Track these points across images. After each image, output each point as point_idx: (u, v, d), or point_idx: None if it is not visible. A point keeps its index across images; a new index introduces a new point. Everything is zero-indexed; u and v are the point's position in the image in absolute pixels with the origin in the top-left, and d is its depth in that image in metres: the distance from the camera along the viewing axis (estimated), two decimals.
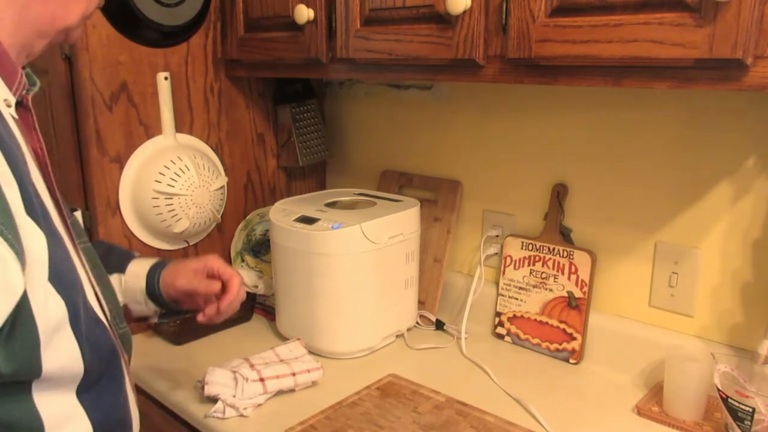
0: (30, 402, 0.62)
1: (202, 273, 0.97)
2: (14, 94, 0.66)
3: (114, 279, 0.94)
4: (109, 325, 0.76)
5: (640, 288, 1.21)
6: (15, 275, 0.54)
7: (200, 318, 0.97)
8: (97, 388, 0.70)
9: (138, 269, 0.99)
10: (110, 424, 0.73)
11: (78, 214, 0.90)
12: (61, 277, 0.62)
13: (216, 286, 0.96)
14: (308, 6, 1.21)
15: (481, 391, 1.15)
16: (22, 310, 0.56)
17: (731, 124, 1.07)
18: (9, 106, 0.65)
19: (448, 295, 1.47)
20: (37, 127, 0.72)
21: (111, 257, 0.98)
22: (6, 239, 0.53)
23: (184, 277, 0.97)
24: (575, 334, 1.25)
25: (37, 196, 0.62)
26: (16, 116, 0.67)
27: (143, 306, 0.99)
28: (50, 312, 0.60)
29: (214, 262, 0.98)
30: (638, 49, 0.82)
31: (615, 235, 1.23)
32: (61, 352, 0.63)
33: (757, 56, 0.75)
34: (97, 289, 0.76)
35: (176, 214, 1.35)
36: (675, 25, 0.78)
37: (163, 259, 1.02)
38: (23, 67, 0.70)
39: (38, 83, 0.73)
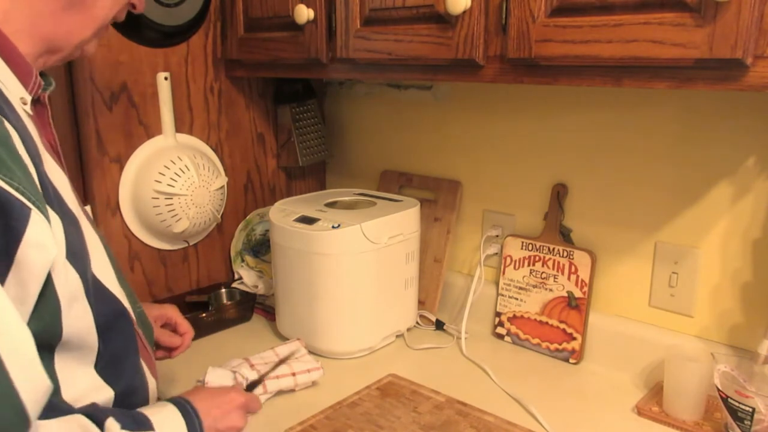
0: (51, 365, 0.68)
1: (160, 321, 1.04)
2: (30, 93, 0.72)
3: None
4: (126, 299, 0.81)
5: (640, 288, 1.21)
6: (49, 239, 0.61)
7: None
8: (113, 357, 0.76)
9: None
10: (129, 390, 0.78)
11: (87, 208, 1.02)
12: (75, 253, 0.68)
13: (176, 341, 1.03)
14: (308, 6, 1.21)
15: (481, 391, 1.15)
16: (46, 280, 0.62)
17: (731, 124, 1.07)
18: (25, 103, 0.71)
19: (448, 295, 1.47)
20: (51, 121, 0.80)
21: None
22: (41, 210, 0.60)
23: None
24: (575, 334, 1.25)
25: (50, 182, 0.67)
26: (31, 113, 0.72)
27: None
28: (69, 284, 0.67)
29: (173, 312, 1.05)
30: (638, 49, 0.82)
31: (615, 235, 1.23)
32: (78, 318, 0.69)
33: (757, 56, 0.75)
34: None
35: (176, 214, 1.35)
36: (675, 25, 0.78)
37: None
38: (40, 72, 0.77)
39: (53, 83, 0.80)
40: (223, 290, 1.52)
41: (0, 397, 0.54)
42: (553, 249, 1.29)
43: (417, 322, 1.43)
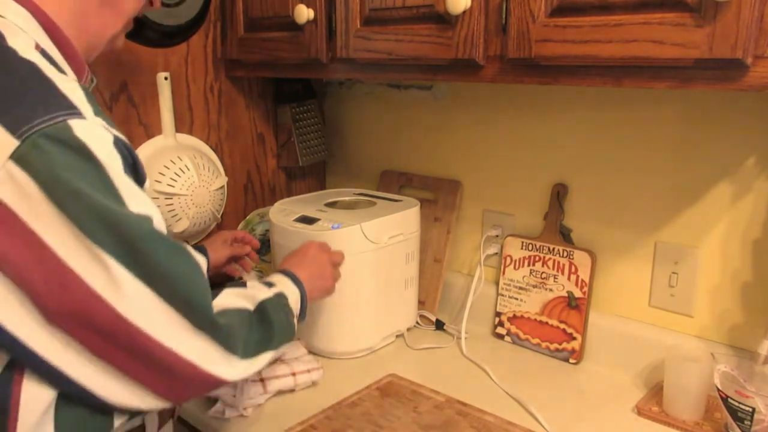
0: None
1: (230, 241, 1.23)
2: None
3: None
4: None
5: (640, 288, 1.21)
6: None
7: (235, 273, 1.26)
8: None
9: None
10: None
11: None
12: None
13: (247, 248, 1.25)
14: (308, 6, 1.21)
15: (481, 391, 1.16)
16: None
17: (731, 124, 1.07)
18: None
19: (448, 295, 1.47)
20: None
21: None
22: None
23: (222, 250, 1.22)
24: (575, 334, 1.25)
25: None
26: None
27: None
28: None
29: (232, 232, 1.26)
30: (638, 49, 0.82)
31: (615, 235, 1.23)
32: None
33: (757, 56, 0.75)
34: None
35: (176, 214, 1.35)
36: (675, 25, 0.78)
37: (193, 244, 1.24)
38: None
39: (95, 79, 0.84)
40: None
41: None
42: (553, 249, 1.29)
43: (417, 322, 1.43)
